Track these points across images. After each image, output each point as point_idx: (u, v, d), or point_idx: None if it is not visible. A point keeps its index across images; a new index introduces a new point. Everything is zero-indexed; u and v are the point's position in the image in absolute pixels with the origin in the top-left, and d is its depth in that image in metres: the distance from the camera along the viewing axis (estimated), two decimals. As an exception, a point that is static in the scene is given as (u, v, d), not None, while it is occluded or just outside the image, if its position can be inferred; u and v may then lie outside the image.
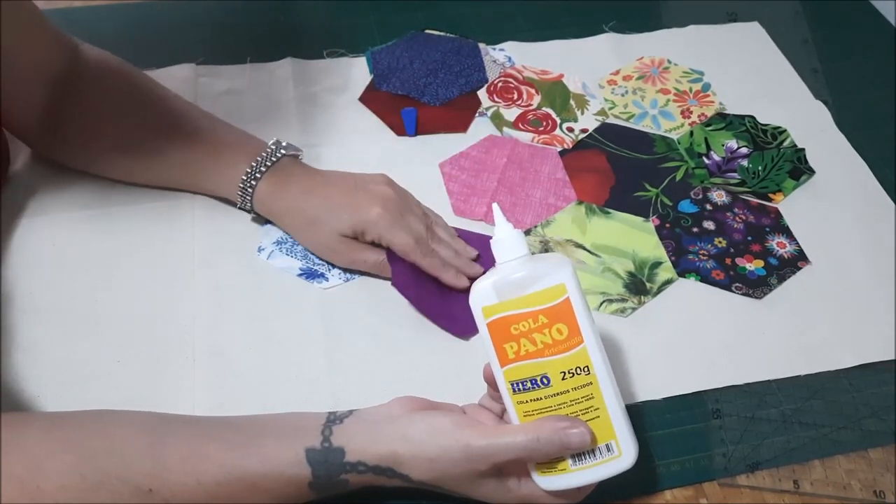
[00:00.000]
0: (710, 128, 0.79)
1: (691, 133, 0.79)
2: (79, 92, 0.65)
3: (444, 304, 0.63)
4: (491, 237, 0.49)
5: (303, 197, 0.63)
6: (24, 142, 0.69)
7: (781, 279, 0.67)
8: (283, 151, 0.65)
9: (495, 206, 0.50)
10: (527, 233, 0.69)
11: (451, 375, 0.59)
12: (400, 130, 0.77)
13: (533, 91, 0.82)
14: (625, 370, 0.60)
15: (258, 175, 0.64)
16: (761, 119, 0.80)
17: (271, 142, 0.66)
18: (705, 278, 0.66)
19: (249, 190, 0.64)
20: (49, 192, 0.69)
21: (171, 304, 0.62)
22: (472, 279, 0.61)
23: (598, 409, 0.46)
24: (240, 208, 0.66)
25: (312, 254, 0.66)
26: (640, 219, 0.71)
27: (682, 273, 0.67)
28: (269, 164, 0.64)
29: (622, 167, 0.75)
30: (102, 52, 0.68)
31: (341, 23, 0.89)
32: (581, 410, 0.46)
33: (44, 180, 0.69)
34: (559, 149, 0.77)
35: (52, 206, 0.68)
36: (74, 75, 0.65)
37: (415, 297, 0.62)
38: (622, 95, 0.82)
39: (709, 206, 0.72)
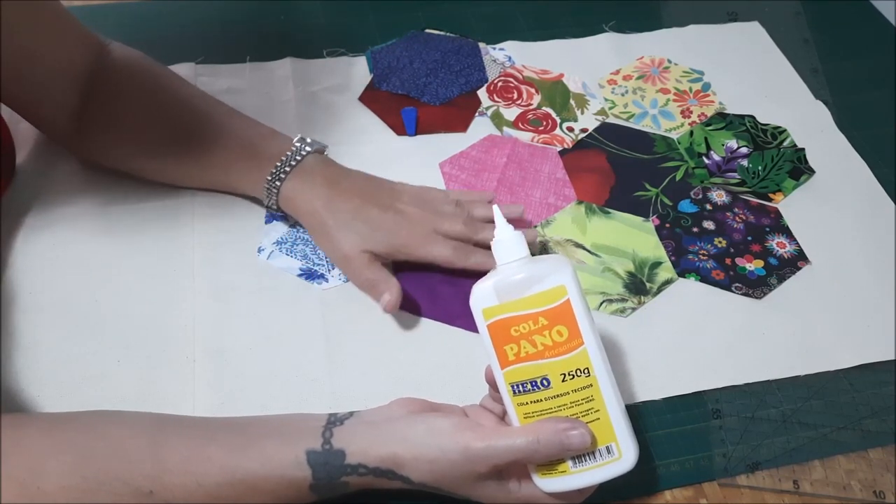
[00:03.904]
0: (710, 127, 0.79)
1: (691, 133, 0.79)
2: (106, 90, 0.65)
3: (460, 303, 0.63)
4: None
5: (327, 202, 0.63)
6: (55, 141, 0.69)
7: (781, 279, 0.67)
8: (307, 149, 0.65)
9: (495, 207, 0.50)
10: (527, 233, 0.69)
11: (451, 375, 0.59)
12: (400, 130, 0.77)
13: (533, 91, 0.82)
14: (625, 370, 0.60)
15: (282, 176, 0.64)
16: (761, 119, 0.80)
17: (296, 139, 0.66)
18: (705, 278, 0.66)
19: (274, 190, 0.64)
20: (49, 192, 0.69)
21: (171, 303, 0.62)
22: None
23: (598, 410, 0.46)
24: (267, 207, 0.67)
25: (313, 255, 0.66)
26: (640, 219, 0.71)
27: (682, 273, 0.67)
28: (293, 163, 0.64)
29: (622, 167, 0.75)
30: (130, 50, 0.67)
31: (341, 22, 0.89)
32: (581, 412, 0.46)
33: (43, 180, 0.69)
34: (559, 148, 0.77)
35: (52, 207, 0.68)
36: (102, 74, 0.64)
37: (424, 310, 0.63)
38: (622, 95, 0.82)
39: (709, 206, 0.72)
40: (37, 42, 0.58)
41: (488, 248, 0.53)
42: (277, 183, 0.64)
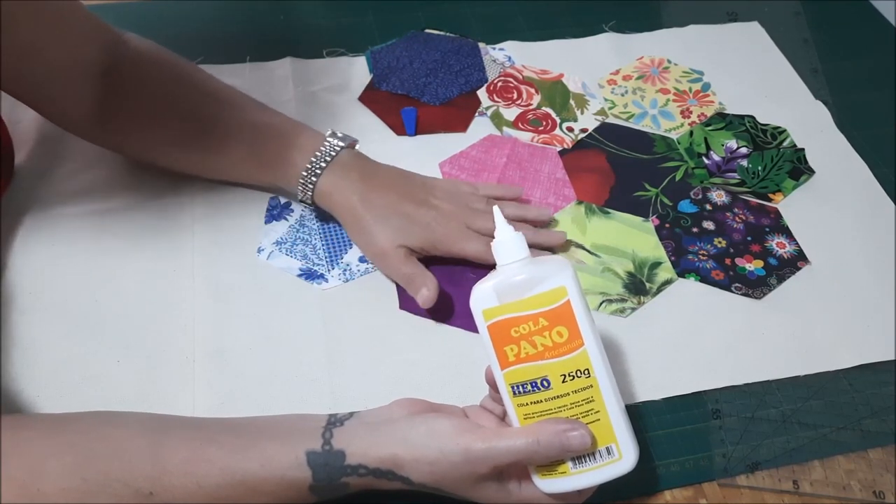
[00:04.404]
0: (709, 128, 0.79)
1: (691, 133, 0.79)
2: (125, 83, 0.64)
3: (460, 303, 0.63)
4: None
5: (363, 197, 0.63)
6: (78, 136, 0.68)
7: (781, 279, 0.67)
8: (340, 144, 0.65)
9: (496, 208, 0.50)
10: (527, 233, 0.69)
11: (451, 375, 0.59)
12: (400, 130, 0.77)
13: (533, 91, 0.82)
14: (625, 370, 0.60)
15: (318, 171, 0.64)
16: (761, 119, 0.80)
17: (328, 133, 0.66)
18: (705, 278, 0.66)
19: (310, 185, 0.64)
20: (48, 192, 0.69)
21: (171, 303, 0.62)
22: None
23: (598, 411, 0.46)
24: (300, 201, 0.67)
25: (313, 255, 0.66)
26: (639, 219, 0.71)
27: (681, 273, 0.67)
28: (328, 158, 0.64)
29: (622, 167, 0.75)
30: (149, 42, 0.67)
31: (341, 22, 0.89)
32: (581, 413, 0.46)
33: (43, 180, 0.69)
34: (559, 148, 0.77)
35: (52, 207, 0.68)
36: (120, 66, 0.64)
37: (424, 310, 0.63)
38: (622, 95, 0.82)
39: (708, 206, 0.72)
40: (39, 39, 0.58)
41: None
42: (314, 178, 0.64)
